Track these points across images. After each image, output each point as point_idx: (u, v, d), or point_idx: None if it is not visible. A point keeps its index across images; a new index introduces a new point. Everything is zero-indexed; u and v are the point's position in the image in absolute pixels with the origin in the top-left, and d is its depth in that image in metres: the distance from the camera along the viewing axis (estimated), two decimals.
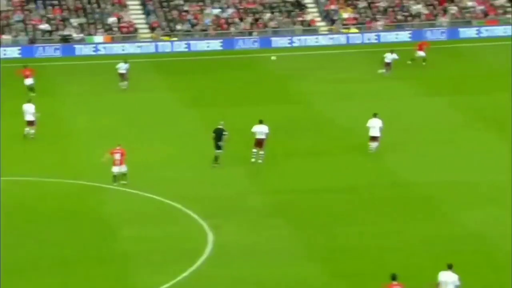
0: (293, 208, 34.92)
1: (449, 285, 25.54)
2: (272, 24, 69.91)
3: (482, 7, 70.73)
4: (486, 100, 49.94)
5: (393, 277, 25.61)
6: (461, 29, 68.08)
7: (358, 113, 47.64)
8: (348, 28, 69.38)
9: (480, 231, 32.11)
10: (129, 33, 68.74)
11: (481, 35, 67.45)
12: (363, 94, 52.49)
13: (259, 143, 39.44)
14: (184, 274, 28.63)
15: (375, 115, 41.41)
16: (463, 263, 26.52)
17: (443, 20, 69.78)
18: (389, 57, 55.69)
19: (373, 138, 41.04)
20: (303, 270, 29.26)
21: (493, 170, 38.48)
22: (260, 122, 39.73)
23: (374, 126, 40.99)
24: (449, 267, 25.83)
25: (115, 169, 37.14)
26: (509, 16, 69.91)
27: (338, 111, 49.02)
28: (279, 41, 67.76)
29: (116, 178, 37.13)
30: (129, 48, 66.23)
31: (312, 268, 29.42)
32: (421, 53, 58.47)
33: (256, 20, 70.20)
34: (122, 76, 54.65)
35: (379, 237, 31.83)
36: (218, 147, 39.32)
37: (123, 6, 70.81)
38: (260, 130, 39.44)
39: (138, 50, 66.04)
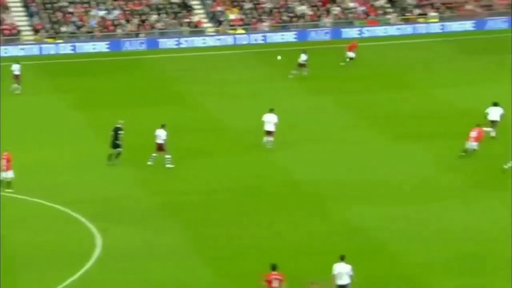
0: (184, 209, 35.11)
1: (343, 276, 26.35)
2: (159, 25, 69.96)
3: (363, 8, 72.51)
4: (370, 99, 51.11)
5: (273, 267, 26.18)
6: (343, 30, 69.58)
7: (247, 113, 48.41)
8: (235, 29, 70.08)
9: (364, 227, 32.99)
10: (11, 36, 67.57)
11: (363, 35, 69.11)
12: (251, 94, 53.05)
13: (159, 147, 39.76)
14: (73, 278, 28.51)
15: (271, 111, 42.40)
16: (350, 258, 27.08)
17: (327, 20, 71.21)
18: (302, 57, 56.16)
19: (268, 133, 42.01)
20: (193, 271, 29.51)
21: (377, 168, 39.52)
22: (162, 126, 40.06)
23: (269, 121, 42.05)
24: (342, 258, 26.64)
25: (2, 175, 36.68)
26: (389, 16, 71.94)
27: (227, 111, 49.49)
28: (166, 43, 67.87)
29: (1, 184, 36.65)
30: (12, 50, 65.12)
31: (202, 269, 29.69)
32: (351, 54, 59.30)
33: (143, 21, 70.10)
34: (16, 78, 54.00)
35: (269, 236, 32.38)
36: (115, 146, 39.60)
37: (5, 8, 69.51)
38: (159, 135, 39.78)
39: (21, 53, 64.97)
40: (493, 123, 42.68)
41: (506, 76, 55.59)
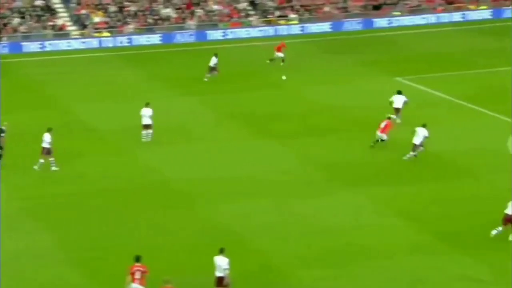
0: (54, 212, 35.25)
1: (221, 268, 27.63)
2: (22, 28, 69.32)
3: (226, 10, 73.98)
4: (237, 98, 52.12)
5: (137, 259, 27.07)
6: (208, 32, 70.77)
7: (115, 115, 48.94)
8: (100, 32, 70.25)
9: (232, 223, 34.18)
10: None
11: (227, 37, 70.55)
12: (118, 96, 53.41)
13: (45, 151, 39.93)
14: None
15: (147, 105, 43.72)
16: (218, 253, 28.32)
17: (191, 23, 72.27)
18: (213, 60, 56.54)
19: (146, 126, 43.40)
20: (62, 274, 29.86)
21: (245, 165, 40.71)
22: (48, 130, 40.25)
23: (145, 114, 43.43)
24: (221, 251, 27.80)
25: None
26: (251, 19, 73.64)
27: (95, 113, 49.59)
28: (30, 46, 67.30)
29: None
30: None
31: (70, 271, 30.09)
32: (279, 54, 59.95)
33: (5, 25, 69.28)
34: None
35: (139, 235, 33.06)
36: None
37: None
38: (45, 139, 39.99)
39: None
40: (396, 111, 45.60)
41: (364, 73, 58.18)
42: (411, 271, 30.20)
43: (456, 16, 75.35)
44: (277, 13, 74.29)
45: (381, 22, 73.70)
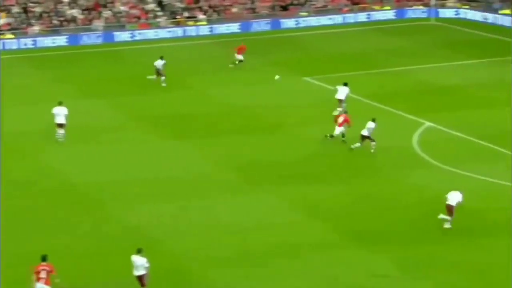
0: None
1: (139, 268, 27.84)
2: None
3: (134, 11, 73.62)
4: (144, 100, 51.98)
5: (43, 258, 27.02)
6: (116, 33, 70.33)
7: (20, 117, 48.19)
8: (3, 34, 68.97)
9: (142, 225, 34.11)
10: None
11: (135, 38, 70.26)
12: (23, 99, 52.55)
13: None
14: None
15: (60, 103, 43.60)
16: (128, 255, 28.40)
17: (99, 24, 71.68)
18: (159, 63, 55.56)
19: (59, 126, 43.24)
20: None
21: (153, 167, 40.61)
22: None
23: (59, 113, 43.20)
24: (138, 251, 27.98)
25: None
26: (159, 20, 73.48)
27: (9, 116, 48.93)
28: None
29: None
30: None
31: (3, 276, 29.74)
32: (239, 57, 59.36)
33: None
34: None
35: (48, 239, 32.67)
36: None
37: None
38: None
39: None
40: (340, 102, 47.29)
41: (272, 74, 58.50)
42: (321, 269, 30.61)
43: (362, 17, 76.71)
44: (186, 14, 74.33)
45: (288, 22, 74.47)
